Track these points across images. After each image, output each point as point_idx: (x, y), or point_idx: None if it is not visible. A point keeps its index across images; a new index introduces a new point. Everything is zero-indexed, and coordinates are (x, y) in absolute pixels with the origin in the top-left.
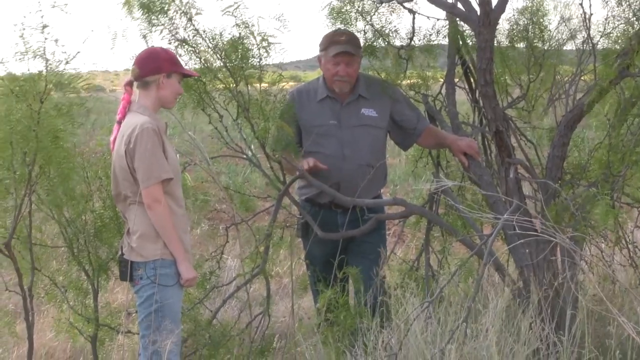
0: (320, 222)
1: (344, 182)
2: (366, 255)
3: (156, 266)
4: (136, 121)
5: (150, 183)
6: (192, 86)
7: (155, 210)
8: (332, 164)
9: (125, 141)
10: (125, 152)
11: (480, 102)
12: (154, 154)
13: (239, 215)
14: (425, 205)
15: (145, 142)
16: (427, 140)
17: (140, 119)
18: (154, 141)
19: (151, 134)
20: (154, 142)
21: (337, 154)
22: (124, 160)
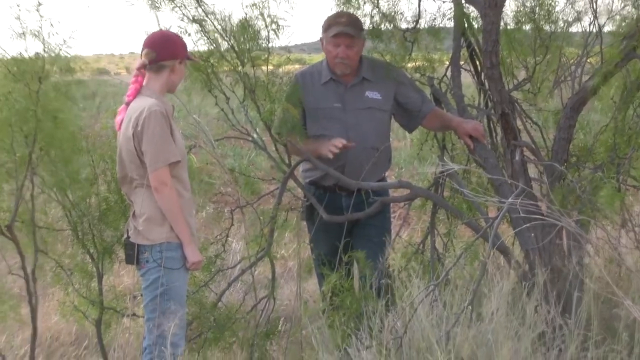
0: (325, 205)
1: (348, 165)
2: (371, 239)
3: (162, 249)
4: (144, 104)
5: (158, 166)
6: (200, 67)
7: (162, 193)
8: None
9: (133, 124)
10: (132, 135)
11: (486, 84)
12: (162, 137)
13: (243, 198)
14: (430, 188)
15: (154, 125)
16: (433, 123)
17: (148, 102)
18: (162, 124)
19: (159, 117)
20: (162, 125)
21: (342, 137)
22: (131, 143)
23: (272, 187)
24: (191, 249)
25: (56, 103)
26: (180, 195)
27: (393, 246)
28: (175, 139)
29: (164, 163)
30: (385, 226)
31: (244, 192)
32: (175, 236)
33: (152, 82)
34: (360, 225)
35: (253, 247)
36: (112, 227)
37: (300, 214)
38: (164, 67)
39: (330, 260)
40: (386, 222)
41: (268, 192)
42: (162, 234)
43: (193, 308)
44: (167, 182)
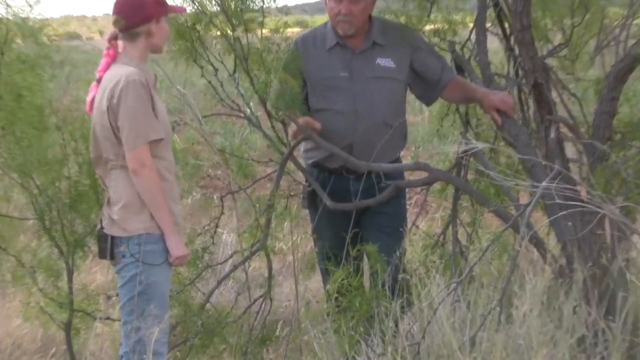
0: (330, 190)
1: (357, 143)
2: (383, 229)
3: (141, 242)
4: (121, 73)
5: (136, 144)
6: (184, 34)
7: (141, 176)
8: (343, 122)
9: (108, 95)
10: (107, 108)
11: (516, 50)
12: (141, 111)
13: (235, 182)
14: (452, 170)
15: (132, 97)
16: (454, 94)
17: (125, 70)
18: (141, 95)
19: (138, 87)
20: (141, 97)
21: (349, 111)
22: (105, 118)
23: (269, 170)
24: (175, 241)
25: (21, 76)
26: (162, 178)
27: (409, 237)
28: (157, 112)
29: (144, 141)
30: (400, 214)
31: (236, 175)
32: (156, 226)
33: (129, 49)
34: (370, 214)
35: (247, 240)
36: (84, 216)
37: (302, 200)
38: (139, 34)
39: (336, 254)
40: (401, 210)
41: (264, 176)
42: (140, 223)
43: (177, 310)
44: (147, 163)
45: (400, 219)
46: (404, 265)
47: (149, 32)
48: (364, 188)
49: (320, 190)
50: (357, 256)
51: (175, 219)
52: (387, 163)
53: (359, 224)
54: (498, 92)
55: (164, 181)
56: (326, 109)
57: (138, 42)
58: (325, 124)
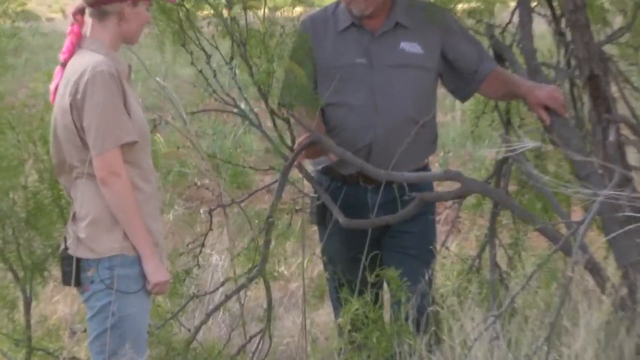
0: (344, 203)
1: (377, 143)
2: (407, 251)
3: (113, 265)
4: (87, 62)
5: (105, 148)
6: (170, 13)
7: (111, 187)
8: (360, 119)
9: (71, 90)
10: (70, 105)
11: (568, 34)
12: (111, 108)
13: (227, 194)
14: (489, 180)
15: (100, 91)
16: (493, 88)
17: (92, 59)
18: (111, 89)
19: (107, 80)
20: (111, 91)
21: (368, 105)
22: (68, 116)
23: (268, 180)
24: (153, 264)
25: None
26: (137, 189)
27: (438, 261)
28: (130, 110)
29: (114, 144)
30: (428, 234)
31: (229, 185)
32: (131, 246)
33: (97, 31)
34: (392, 233)
35: (242, 263)
36: (45, 234)
37: (309, 216)
38: (109, 13)
39: (351, 281)
40: (428, 228)
41: (263, 187)
42: (112, 243)
43: (157, 349)
44: (119, 171)
45: (428, 239)
46: (432, 295)
47: (122, 15)
48: (385, 201)
49: (331, 203)
50: (376, 283)
51: (154, 238)
52: (413, 171)
53: (379, 245)
54: (546, 86)
55: (140, 192)
56: (339, 103)
57: (108, 23)
58: (339, 121)
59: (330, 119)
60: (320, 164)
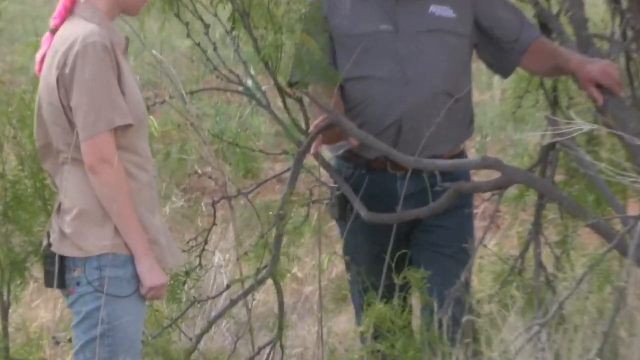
0: (368, 193)
1: (407, 120)
2: (440, 249)
3: (102, 264)
4: (78, 31)
5: (95, 131)
6: None
7: (101, 175)
8: (387, 92)
9: (59, 62)
10: (57, 80)
11: (624, 2)
12: (103, 85)
13: (233, 183)
14: (533, 168)
15: (91, 66)
16: (537, 62)
17: (84, 28)
18: (104, 64)
19: (100, 53)
20: (104, 66)
21: (395, 77)
22: (55, 93)
23: (279, 167)
24: (148, 264)
25: None
26: (132, 177)
27: (475, 262)
28: (126, 88)
29: (106, 127)
30: (464, 229)
31: (235, 173)
32: (123, 244)
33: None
34: (423, 228)
35: (249, 263)
36: (25, 229)
37: (328, 208)
38: None
39: (375, 283)
40: (465, 224)
41: (273, 176)
42: (102, 239)
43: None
44: (109, 158)
45: (464, 235)
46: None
47: None
48: (417, 190)
49: (353, 194)
50: (404, 285)
51: (150, 235)
52: (447, 158)
53: (408, 242)
54: (598, 61)
55: (134, 182)
56: (361, 76)
57: None
58: (361, 97)
59: (351, 95)
60: (341, 147)
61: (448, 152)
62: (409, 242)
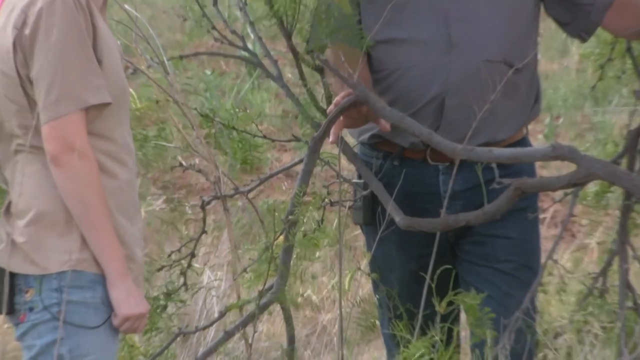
0: (401, 191)
1: (452, 95)
2: (497, 264)
3: (64, 285)
4: None
5: (61, 111)
6: None
7: (67, 169)
8: (428, 59)
9: (17, 21)
10: (14, 43)
11: None
12: (73, 52)
13: (228, 179)
14: (619, 160)
15: (59, 26)
16: (624, 21)
17: None
18: (76, 24)
19: (71, 10)
20: (76, 27)
21: (439, 40)
22: (10, 60)
23: (288, 158)
24: (125, 288)
25: None
26: (107, 173)
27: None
28: (103, 56)
29: (76, 106)
30: (528, 240)
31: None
32: (91, 260)
33: None
34: (475, 237)
35: (249, 283)
36: None
37: (352, 212)
38: None
39: (412, 310)
40: (529, 232)
41: (281, 169)
42: (64, 252)
43: None
44: (80, 146)
45: (529, 247)
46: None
47: None
48: (467, 188)
49: (385, 193)
50: (450, 313)
51: (127, 249)
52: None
53: (454, 255)
54: None
55: (110, 179)
56: (396, 39)
57: None
58: (394, 66)
59: (380, 64)
60: (368, 131)
61: (506, 139)
62: (455, 256)
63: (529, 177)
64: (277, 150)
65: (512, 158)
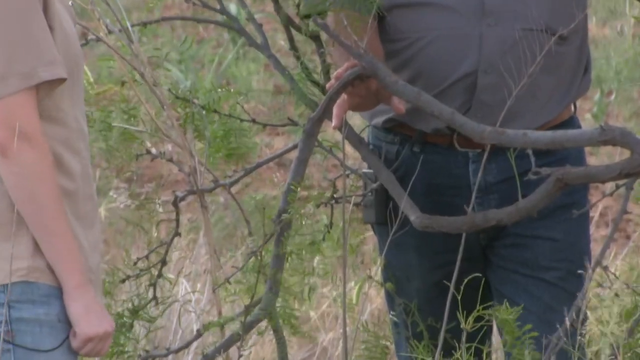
0: (422, 184)
1: (486, 72)
2: (537, 272)
3: (13, 300)
4: None
5: (7, 89)
6: None
7: (15, 160)
8: (455, 29)
9: None
10: None
11: None
12: (19, 18)
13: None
14: None
15: None
16: None
17: None
18: None
19: None
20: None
21: (467, 6)
22: None
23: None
24: (85, 302)
25: None
26: (61, 165)
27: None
28: (54, 22)
29: (25, 83)
30: (576, 242)
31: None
32: (46, 269)
33: None
34: (510, 240)
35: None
36: None
37: (362, 210)
38: None
39: (435, 326)
40: (577, 233)
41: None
42: (13, 261)
43: None
44: (30, 131)
45: (577, 251)
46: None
47: None
48: (501, 180)
49: (397, 186)
50: (478, 331)
51: (86, 255)
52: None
53: (486, 262)
54: None
55: (64, 172)
56: (415, 3)
57: None
58: (414, 36)
59: (399, 31)
60: (382, 114)
61: (549, 120)
62: (487, 261)
63: (575, 165)
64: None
65: (550, 143)
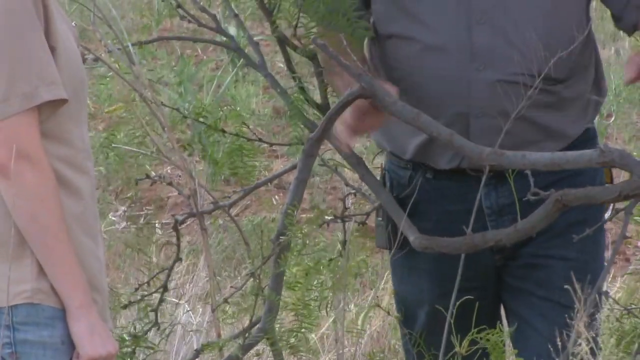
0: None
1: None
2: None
3: (17, 322)
4: None
5: (8, 110)
6: None
7: (18, 180)
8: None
9: None
10: None
11: None
12: (21, 37)
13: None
14: None
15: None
16: None
17: None
18: (23, 4)
19: None
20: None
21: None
22: None
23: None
24: (89, 324)
25: None
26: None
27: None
28: (57, 42)
29: (26, 104)
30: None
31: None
32: (50, 291)
33: None
34: (525, 260)
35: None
36: None
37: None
38: None
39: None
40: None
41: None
42: (17, 283)
43: None
44: (32, 152)
45: (592, 271)
46: None
47: None
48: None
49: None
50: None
51: (90, 277)
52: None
53: (500, 282)
54: None
55: (69, 192)
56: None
57: None
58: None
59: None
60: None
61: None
62: (502, 282)
63: (590, 179)
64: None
65: (550, 164)
